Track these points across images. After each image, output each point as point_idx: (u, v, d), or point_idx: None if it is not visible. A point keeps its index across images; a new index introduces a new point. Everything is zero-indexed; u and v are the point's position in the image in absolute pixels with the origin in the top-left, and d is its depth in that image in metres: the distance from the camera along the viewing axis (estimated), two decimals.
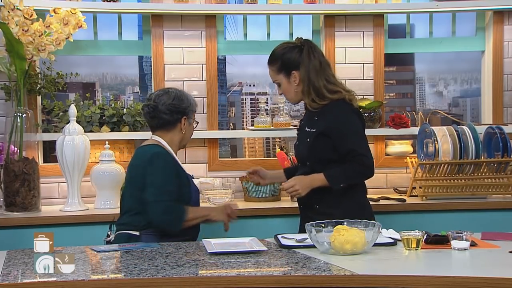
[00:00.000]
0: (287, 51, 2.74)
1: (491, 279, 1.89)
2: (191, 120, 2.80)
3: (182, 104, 2.74)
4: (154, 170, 2.61)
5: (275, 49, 2.79)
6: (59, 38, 3.27)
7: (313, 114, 2.74)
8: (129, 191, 2.70)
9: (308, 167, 2.71)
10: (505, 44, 3.83)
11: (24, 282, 1.92)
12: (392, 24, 3.94)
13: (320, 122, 2.69)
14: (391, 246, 2.32)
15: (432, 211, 3.37)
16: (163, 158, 2.66)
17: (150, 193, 2.58)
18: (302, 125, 2.83)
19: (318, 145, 2.68)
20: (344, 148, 2.65)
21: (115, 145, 3.57)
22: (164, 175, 2.61)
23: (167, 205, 2.57)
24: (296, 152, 2.87)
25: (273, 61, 2.77)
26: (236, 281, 1.94)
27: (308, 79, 2.69)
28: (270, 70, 2.79)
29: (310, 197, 2.65)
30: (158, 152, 2.66)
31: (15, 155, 3.28)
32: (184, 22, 3.68)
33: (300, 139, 2.81)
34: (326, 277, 1.94)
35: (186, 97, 2.78)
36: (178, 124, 2.74)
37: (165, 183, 2.60)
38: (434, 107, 4.61)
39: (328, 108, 2.69)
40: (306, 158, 2.74)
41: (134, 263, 2.15)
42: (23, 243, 2.63)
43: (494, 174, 3.48)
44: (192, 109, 2.79)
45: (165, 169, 2.63)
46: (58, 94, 3.62)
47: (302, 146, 2.77)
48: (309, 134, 2.72)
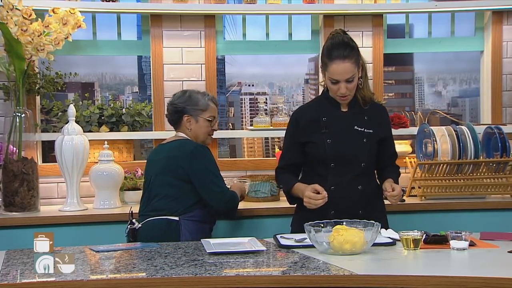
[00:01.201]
0: (353, 41, 2.56)
1: (490, 279, 1.89)
2: (198, 118, 2.88)
3: (181, 104, 2.89)
4: (207, 161, 2.80)
5: (345, 40, 2.54)
6: (58, 38, 3.27)
7: (359, 113, 2.63)
8: (165, 180, 2.81)
9: (361, 168, 2.59)
10: (504, 44, 3.83)
11: (23, 282, 1.92)
12: (391, 24, 3.94)
13: (375, 123, 2.63)
14: (390, 246, 2.32)
15: (431, 211, 3.37)
16: (206, 150, 2.84)
17: (212, 183, 2.77)
18: (343, 123, 2.61)
19: (376, 147, 2.65)
20: (390, 151, 2.73)
21: (114, 145, 3.57)
22: (216, 166, 2.83)
23: (231, 194, 2.85)
24: (341, 152, 2.59)
25: (351, 53, 2.52)
26: (235, 281, 1.94)
27: (366, 72, 2.64)
28: (348, 64, 2.50)
29: (357, 202, 2.57)
30: (198, 146, 2.84)
31: (14, 155, 3.28)
32: (183, 22, 3.68)
33: (349, 139, 2.60)
34: (325, 277, 1.94)
35: (190, 97, 2.89)
36: (182, 122, 2.90)
37: (219, 173, 2.83)
38: (433, 107, 4.61)
39: (375, 110, 2.67)
40: (363, 159, 2.59)
41: (133, 263, 2.15)
42: (22, 243, 2.63)
43: (493, 174, 3.48)
44: (196, 107, 2.88)
45: (213, 161, 2.84)
46: (57, 94, 3.62)
47: (353, 146, 2.59)
48: (363, 134, 2.60)
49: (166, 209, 2.78)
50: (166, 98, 3.68)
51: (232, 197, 2.84)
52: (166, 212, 2.77)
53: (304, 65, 4.48)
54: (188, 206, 2.78)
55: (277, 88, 4.62)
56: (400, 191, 2.58)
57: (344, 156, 2.59)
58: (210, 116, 2.91)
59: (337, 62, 2.50)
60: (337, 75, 2.51)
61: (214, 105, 2.94)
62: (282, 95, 4.51)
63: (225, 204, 2.80)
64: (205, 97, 2.92)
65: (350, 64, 2.50)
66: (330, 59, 2.52)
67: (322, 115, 2.63)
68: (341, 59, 2.50)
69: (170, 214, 2.77)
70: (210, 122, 2.91)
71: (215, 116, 2.94)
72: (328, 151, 2.59)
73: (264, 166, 3.71)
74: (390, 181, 2.63)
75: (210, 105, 2.91)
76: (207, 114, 2.90)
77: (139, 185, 3.51)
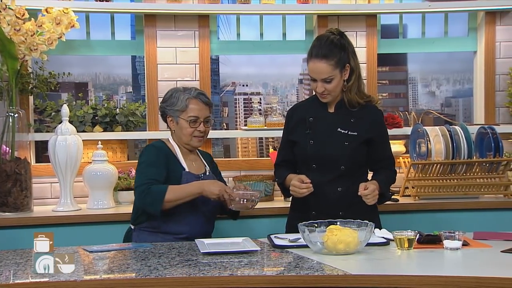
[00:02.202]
0: (341, 43, 2.53)
1: (483, 279, 1.90)
2: (178, 119, 2.68)
3: (163, 104, 2.76)
4: (139, 159, 2.69)
5: (327, 41, 2.52)
6: (51, 38, 3.25)
7: (345, 114, 2.60)
8: None
9: (340, 171, 2.57)
10: (497, 44, 3.85)
11: (16, 282, 1.91)
12: (385, 24, 3.95)
13: (360, 125, 2.59)
14: (384, 246, 2.33)
15: (425, 211, 3.37)
16: (149, 148, 2.71)
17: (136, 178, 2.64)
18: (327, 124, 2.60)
19: (360, 150, 2.60)
20: (381, 154, 2.66)
21: (108, 145, 3.56)
22: (147, 164, 2.63)
23: (145, 187, 2.54)
24: (322, 153, 2.58)
25: (331, 55, 2.50)
26: (229, 281, 1.94)
27: (358, 73, 2.58)
28: (325, 64, 2.49)
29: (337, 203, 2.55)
30: (148, 145, 2.76)
31: (7, 155, 3.26)
32: (177, 22, 3.68)
33: (330, 140, 2.59)
34: (319, 277, 1.95)
35: (171, 96, 2.72)
36: (168, 123, 2.78)
37: (145, 170, 2.61)
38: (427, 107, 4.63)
39: (367, 112, 2.62)
40: (342, 161, 2.57)
41: (127, 263, 2.15)
42: (15, 243, 2.62)
43: (486, 174, 3.49)
44: (174, 108, 2.68)
45: (148, 158, 2.65)
46: (50, 94, 3.61)
47: (335, 148, 2.57)
48: (347, 136, 2.57)
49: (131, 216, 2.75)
50: (160, 98, 3.66)
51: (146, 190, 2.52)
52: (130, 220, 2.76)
53: (298, 65, 4.49)
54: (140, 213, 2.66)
55: (271, 88, 4.63)
56: (374, 190, 2.49)
57: (324, 157, 2.59)
58: (191, 117, 2.66)
59: (314, 60, 2.52)
60: (313, 73, 2.54)
61: (197, 103, 2.68)
62: (276, 95, 4.51)
63: (139, 199, 2.57)
64: (186, 95, 2.68)
65: (327, 65, 2.50)
66: (309, 56, 2.55)
67: (309, 115, 2.64)
68: (318, 58, 2.50)
69: (131, 222, 2.74)
70: (191, 123, 2.67)
71: (198, 115, 2.68)
72: (309, 152, 2.60)
73: (258, 166, 3.71)
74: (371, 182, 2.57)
75: (190, 106, 2.66)
76: (187, 114, 2.66)
77: (133, 185, 3.50)
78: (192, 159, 2.77)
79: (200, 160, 2.82)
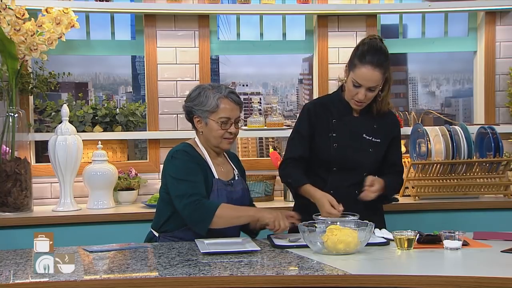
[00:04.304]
0: (387, 51, 2.48)
1: (482, 279, 1.90)
2: (207, 120, 2.48)
3: (190, 103, 2.53)
4: (173, 165, 2.46)
5: (382, 48, 2.47)
6: (51, 38, 3.25)
7: (369, 120, 2.58)
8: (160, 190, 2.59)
9: (362, 177, 2.53)
10: (497, 44, 3.85)
11: (16, 282, 1.91)
12: (385, 24, 3.95)
13: (382, 132, 2.58)
14: (383, 246, 2.33)
15: (425, 211, 3.38)
16: (178, 154, 2.47)
17: (172, 186, 2.42)
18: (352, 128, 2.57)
19: (380, 156, 2.60)
20: (393, 159, 2.66)
21: (107, 145, 3.56)
22: (185, 170, 2.43)
23: (195, 200, 2.36)
24: (346, 158, 2.55)
25: (385, 64, 2.45)
26: (229, 281, 1.94)
27: (390, 86, 2.54)
28: (378, 73, 2.44)
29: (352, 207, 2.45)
30: (175, 150, 2.50)
31: (7, 155, 3.26)
32: (177, 22, 3.68)
33: (356, 146, 2.56)
34: (319, 277, 1.95)
35: (199, 95, 2.50)
36: (194, 124, 2.55)
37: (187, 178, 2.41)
38: (427, 107, 4.63)
39: (388, 118, 2.62)
40: (366, 168, 2.56)
41: (127, 263, 2.15)
42: (15, 243, 2.63)
43: (486, 174, 3.50)
44: (203, 108, 2.47)
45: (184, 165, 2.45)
46: (50, 94, 3.61)
47: (360, 154, 2.56)
48: (372, 143, 2.57)
49: (154, 221, 2.59)
50: (160, 98, 3.67)
51: (196, 204, 2.35)
52: (153, 225, 2.59)
53: (298, 65, 4.49)
54: (165, 219, 2.50)
55: (271, 88, 4.63)
56: (380, 188, 2.48)
57: (348, 163, 2.56)
58: (222, 118, 2.46)
59: (368, 67, 2.43)
60: (362, 80, 2.45)
61: (229, 103, 2.47)
62: (276, 95, 4.51)
63: (182, 209, 2.37)
64: (217, 94, 2.46)
65: (379, 73, 2.44)
66: (362, 61, 2.45)
67: (332, 117, 2.59)
68: (373, 66, 2.43)
69: (153, 228, 2.57)
70: (223, 124, 2.47)
71: (229, 116, 2.47)
72: (333, 155, 2.56)
73: (258, 166, 3.71)
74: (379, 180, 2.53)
75: (221, 106, 2.45)
76: (218, 115, 2.46)
77: (133, 185, 3.51)
78: (220, 163, 2.58)
79: (228, 163, 2.63)
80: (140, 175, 3.56)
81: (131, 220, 3.22)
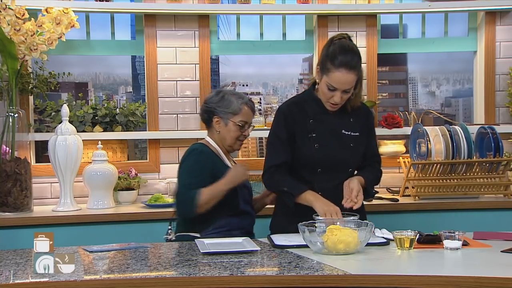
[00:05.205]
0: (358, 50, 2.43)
1: (482, 279, 1.90)
2: (228, 121, 2.70)
3: (213, 104, 2.72)
4: (182, 166, 2.66)
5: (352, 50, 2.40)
6: (51, 38, 3.26)
7: (344, 115, 2.54)
8: None
9: (348, 174, 2.53)
10: (497, 44, 3.85)
11: (16, 282, 1.91)
12: (385, 24, 3.95)
13: (358, 125, 2.56)
14: (384, 246, 2.33)
15: (425, 210, 3.38)
16: (193, 154, 2.66)
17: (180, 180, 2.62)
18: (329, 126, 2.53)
19: (361, 150, 2.58)
20: (371, 151, 2.64)
21: (107, 145, 3.56)
22: (188, 171, 2.62)
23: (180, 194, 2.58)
24: (329, 157, 2.51)
25: (357, 65, 2.41)
26: (229, 281, 1.94)
27: (361, 82, 2.51)
28: (353, 75, 2.40)
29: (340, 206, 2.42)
30: (191, 149, 2.69)
31: (7, 155, 3.26)
32: (177, 22, 3.68)
33: (337, 143, 2.53)
34: (319, 277, 1.94)
35: (223, 98, 2.71)
36: (212, 123, 2.73)
37: (186, 178, 2.60)
38: (427, 107, 4.63)
39: (361, 110, 2.59)
40: (351, 164, 2.56)
41: (127, 263, 2.15)
42: (15, 243, 2.63)
43: (486, 174, 3.50)
44: (226, 110, 2.69)
45: (193, 165, 2.62)
46: (50, 94, 3.61)
47: (343, 151, 2.53)
48: (350, 138, 2.54)
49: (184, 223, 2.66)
50: (160, 98, 3.68)
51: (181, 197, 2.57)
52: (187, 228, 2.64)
53: (298, 65, 4.49)
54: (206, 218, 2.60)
55: (271, 88, 4.63)
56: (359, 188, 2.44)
57: (332, 161, 2.51)
58: (241, 121, 2.70)
59: (342, 71, 2.38)
60: (338, 84, 2.40)
61: (248, 109, 2.72)
62: (276, 95, 4.51)
63: (177, 208, 2.60)
64: (240, 100, 2.71)
65: (354, 75, 2.39)
66: (335, 65, 2.38)
67: (309, 117, 2.54)
68: (347, 68, 2.37)
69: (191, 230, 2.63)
70: (240, 127, 2.71)
71: (247, 121, 2.73)
72: (316, 156, 2.50)
73: (257, 166, 3.68)
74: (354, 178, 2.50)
75: (243, 110, 2.70)
76: (238, 118, 2.69)
77: (133, 185, 3.51)
78: (229, 159, 2.81)
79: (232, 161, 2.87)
80: (140, 175, 3.56)
81: (131, 220, 3.22)
